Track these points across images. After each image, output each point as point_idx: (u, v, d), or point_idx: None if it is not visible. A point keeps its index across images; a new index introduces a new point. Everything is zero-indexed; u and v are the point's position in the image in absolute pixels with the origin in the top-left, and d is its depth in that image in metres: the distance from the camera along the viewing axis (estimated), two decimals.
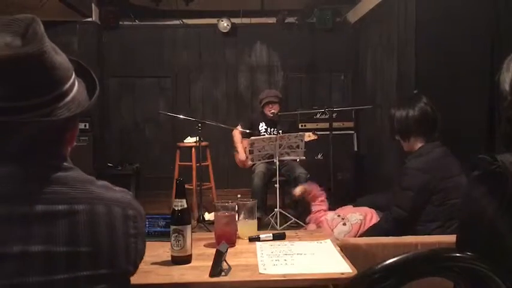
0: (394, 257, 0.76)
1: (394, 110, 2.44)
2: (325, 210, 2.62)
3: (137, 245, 1.00)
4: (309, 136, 4.75)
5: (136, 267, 1.02)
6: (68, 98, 0.94)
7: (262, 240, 1.80)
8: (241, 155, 4.97)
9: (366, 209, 2.56)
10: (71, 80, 0.96)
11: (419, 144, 2.36)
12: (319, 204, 2.65)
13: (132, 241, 0.98)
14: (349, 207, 2.65)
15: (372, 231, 2.34)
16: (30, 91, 0.88)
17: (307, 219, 2.75)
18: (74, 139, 1.03)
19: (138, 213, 1.01)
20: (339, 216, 2.52)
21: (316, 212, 2.63)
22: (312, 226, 2.61)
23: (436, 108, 2.38)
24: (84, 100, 0.99)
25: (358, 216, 2.46)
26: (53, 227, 0.87)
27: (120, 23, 6.67)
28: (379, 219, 2.46)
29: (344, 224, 2.43)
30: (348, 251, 1.73)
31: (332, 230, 2.42)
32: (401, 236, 2.04)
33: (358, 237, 2.37)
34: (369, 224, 2.44)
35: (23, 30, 0.89)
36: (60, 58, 0.94)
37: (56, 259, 0.86)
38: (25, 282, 0.84)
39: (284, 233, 1.87)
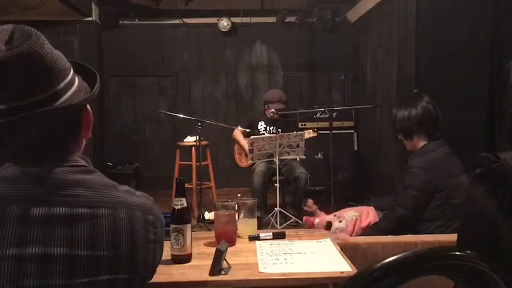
0: (393, 256, 0.76)
1: (396, 110, 2.44)
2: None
3: (156, 251, 0.99)
4: (308, 133, 4.75)
5: (153, 273, 1.01)
6: (70, 91, 0.94)
7: (262, 239, 1.80)
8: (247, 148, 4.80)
9: (362, 207, 2.57)
10: (70, 74, 0.96)
11: (422, 143, 2.36)
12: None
13: (151, 247, 0.97)
14: (346, 209, 2.67)
15: (374, 230, 2.33)
16: (30, 89, 0.88)
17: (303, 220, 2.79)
18: (89, 131, 1.02)
19: (158, 219, 1.00)
20: (335, 215, 2.55)
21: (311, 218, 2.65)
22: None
23: (437, 107, 2.38)
24: (86, 90, 1.00)
25: (353, 213, 2.50)
26: (75, 230, 0.86)
27: (120, 22, 6.66)
28: (376, 215, 2.47)
29: (340, 221, 2.45)
30: (347, 250, 1.73)
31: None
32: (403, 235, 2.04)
33: (358, 234, 2.39)
34: (365, 220, 2.45)
35: (9, 35, 0.89)
36: (56, 53, 0.94)
37: (77, 263, 0.86)
38: (46, 284, 0.83)
39: (284, 232, 1.88)
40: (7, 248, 0.83)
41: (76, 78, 0.99)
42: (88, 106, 1.01)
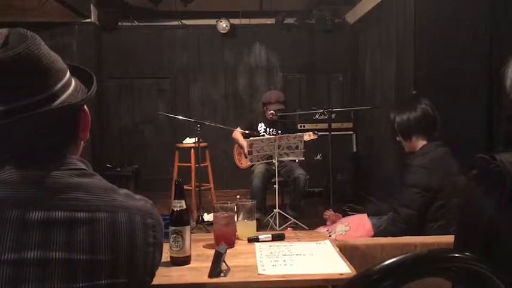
0: (392, 258, 0.76)
1: (394, 114, 2.45)
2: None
3: (155, 254, 0.98)
4: (309, 136, 4.75)
5: (153, 276, 1.01)
6: (67, 92, 0.94)
7: (261, 241, 1.80)
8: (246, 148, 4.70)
9: (355, 217, 2.58)
10: (67, 75, 0.96)
11: (421, 143, 2.37)
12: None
13: (151, 250, 0.96)
14: (341, 220, 2.68)
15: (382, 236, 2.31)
16: (27, 90, 0.88)
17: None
18: (87, 132, 1.02)
19: (157, 223, 0.99)
20: (327, 230, 2.57)
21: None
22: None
23: (435, 110, 2.39)
24: (83, 91, 0.99)
25: (343, 228, 2.50)
26: (74, 234, 0.86)
27: (119, 24, 6.67)
28: (370, 225, 2.46)
29: (329, 236, 2.45)
30: (346, 251, 1.73)
31: None
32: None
33: None
34: (356, 230, 2.45)
35: (4, 38, 0.89)
36: (53, 54, 0.94)
37: (76, 267, 0.85)
38: None
39: (283, 233, 1.87)
40: (5, 253, 0.82)
41: (73, 80, 0.99)
42: (86, 107, 1.01)
